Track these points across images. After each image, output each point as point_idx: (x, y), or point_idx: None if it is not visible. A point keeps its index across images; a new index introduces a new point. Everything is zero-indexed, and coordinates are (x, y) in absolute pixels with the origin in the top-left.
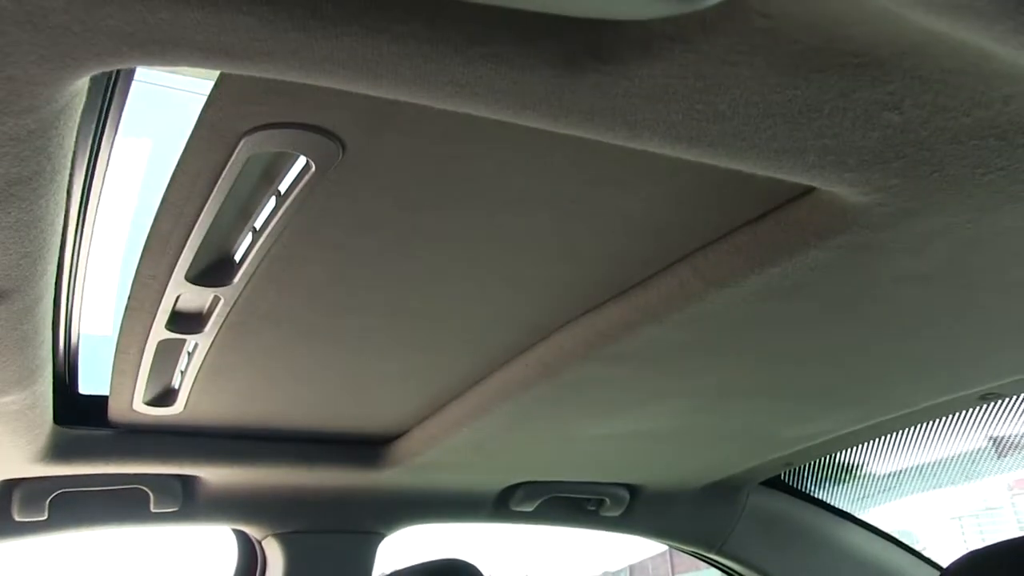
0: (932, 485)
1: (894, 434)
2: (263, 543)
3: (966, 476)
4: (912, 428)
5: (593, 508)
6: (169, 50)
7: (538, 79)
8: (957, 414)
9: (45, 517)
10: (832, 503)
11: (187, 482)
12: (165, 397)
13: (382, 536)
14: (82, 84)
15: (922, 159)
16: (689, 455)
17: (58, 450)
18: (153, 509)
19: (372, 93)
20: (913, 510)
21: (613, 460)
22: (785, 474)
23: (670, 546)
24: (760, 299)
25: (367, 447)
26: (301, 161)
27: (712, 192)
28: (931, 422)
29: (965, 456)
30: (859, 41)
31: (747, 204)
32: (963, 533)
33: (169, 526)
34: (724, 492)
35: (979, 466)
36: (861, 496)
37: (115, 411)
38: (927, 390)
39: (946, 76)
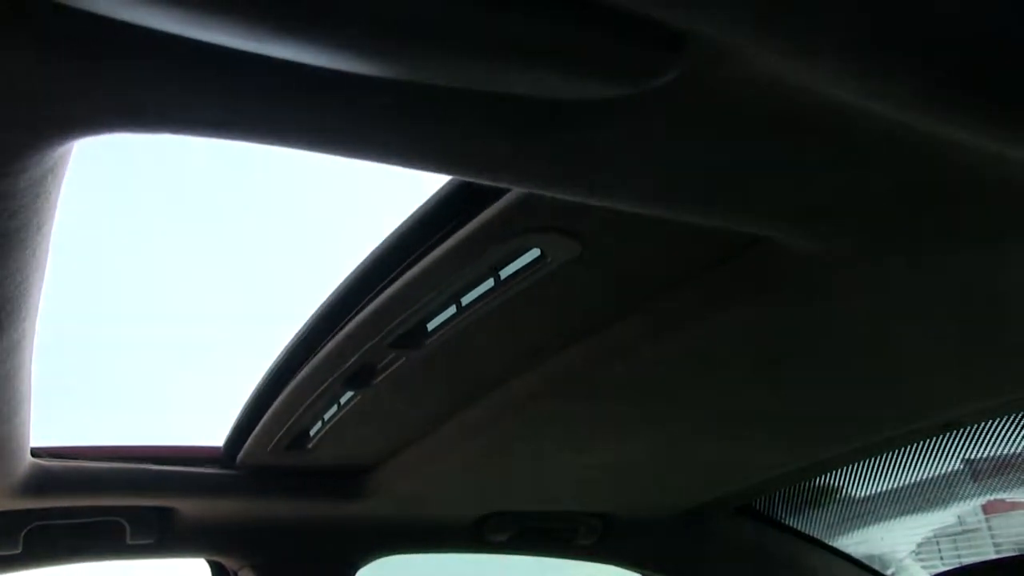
0: (905, 510)
1: (865, 462)
2: (239, 574)
3: (938, 502)
4: (882, 456)
5: (567, 537)
6: (150, 121)
7: (502, 146)
8: (924, 443)
9: (19, 551)
10: (805, 530)
11: (163, 514)
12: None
13: (357, 566)
14: (70, 146)
15: (865, 212)
16: (658, 485)
17: (34, 483)
18: (129, 541)
19: (344, 157)
20: (888, 534)
21: (584, 490)
22: (758, 502)
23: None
24: (720, 339)
25: (343, 478)
26: (534, 253)
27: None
28: (900, 450)
29: (936, 482)
30: (799, 111)
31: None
32: (940, 555)
33: (145, 558)
34: (696, 520)
35: (951, 492)
36: (834, 522)
37: (248, 454)
38: (889, 420)
39: (881, 142)
